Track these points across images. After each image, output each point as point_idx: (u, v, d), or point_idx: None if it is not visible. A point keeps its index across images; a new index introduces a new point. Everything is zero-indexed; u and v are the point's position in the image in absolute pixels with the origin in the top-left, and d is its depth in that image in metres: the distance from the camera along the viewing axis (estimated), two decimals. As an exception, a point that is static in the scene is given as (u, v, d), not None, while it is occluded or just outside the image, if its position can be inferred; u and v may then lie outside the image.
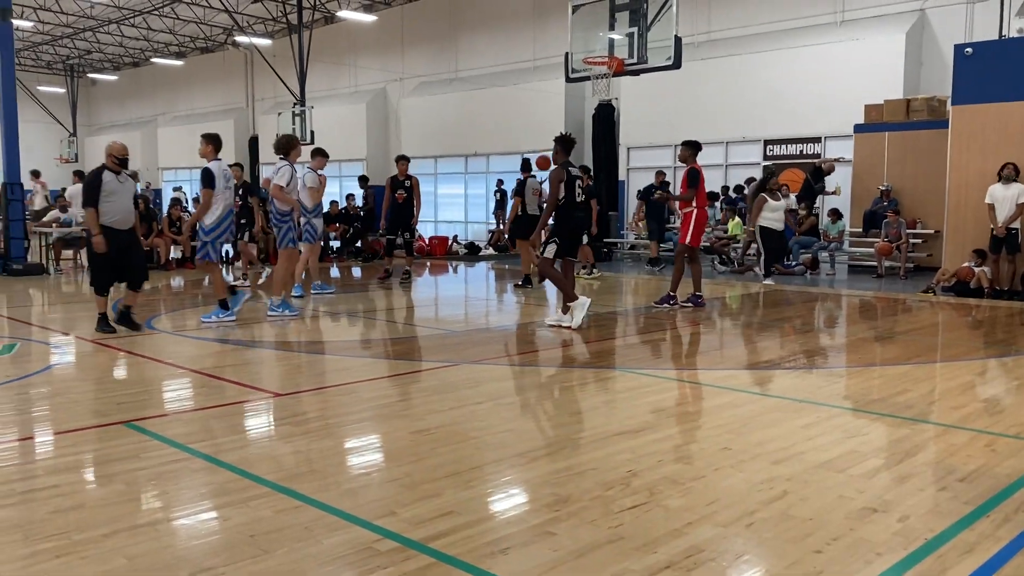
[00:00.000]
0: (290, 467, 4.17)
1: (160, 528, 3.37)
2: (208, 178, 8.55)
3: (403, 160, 12.97)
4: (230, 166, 9.81)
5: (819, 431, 4.78)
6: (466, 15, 25.05)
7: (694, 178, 9.93)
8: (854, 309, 10.87)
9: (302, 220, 10.68)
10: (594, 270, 14.37)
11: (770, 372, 6.70)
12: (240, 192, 12.43)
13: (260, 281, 12.35)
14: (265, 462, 4.24)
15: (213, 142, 8.75)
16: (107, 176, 7.96)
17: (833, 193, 15.59)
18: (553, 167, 8.78)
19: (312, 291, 11.49)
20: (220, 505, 3.62)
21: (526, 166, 12.75)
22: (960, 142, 11.92)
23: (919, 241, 14.41)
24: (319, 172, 11.24)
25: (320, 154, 11.43)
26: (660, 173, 16.62)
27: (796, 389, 6.04)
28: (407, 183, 12.68)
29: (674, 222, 15.60)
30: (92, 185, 7.94)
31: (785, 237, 13.40)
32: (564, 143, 8.76)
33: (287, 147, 9.53)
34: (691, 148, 10.16)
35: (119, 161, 8.06)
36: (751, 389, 5.93)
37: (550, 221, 8.87)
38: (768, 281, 12.94)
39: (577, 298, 8.59)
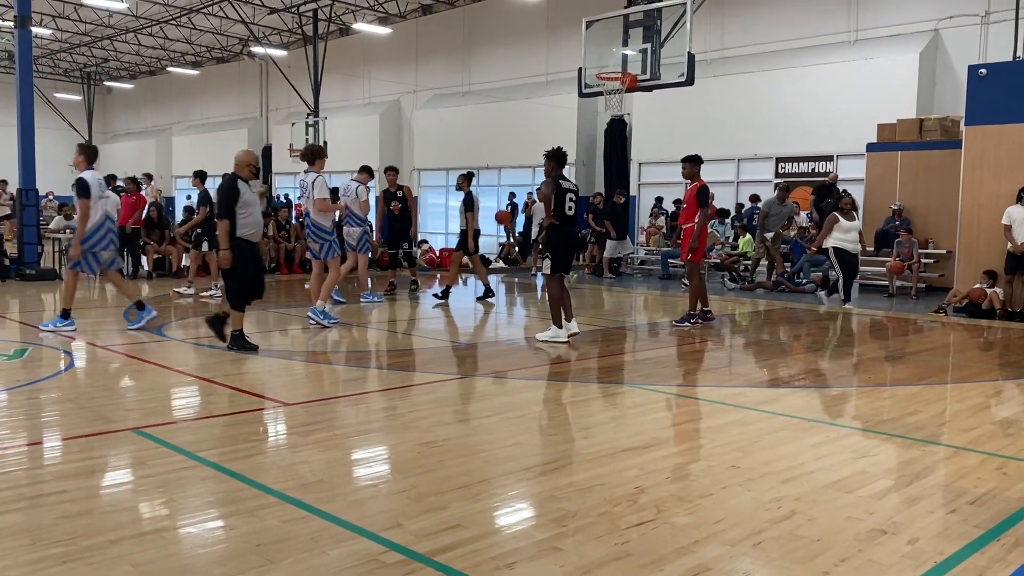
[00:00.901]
0: (297, 477, 4.17)
1: (167, 536, 3.38)
2: (83, 188, 8.41)
3: (392, 171, 12.97)
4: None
5: (828, 451, 4.76)
6: (480, 29, 25.18)
7: (704, 196, 9.86)
8: (865, 328, 10.83)
9: (357, 231, 11.49)
10: (573, 275, 14.50)
11: (779, 390, 6.67)
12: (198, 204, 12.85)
13: (210, 294, 12.37)
14: (272, 471, 4.25)
15: (85, 153, 8.75)
16: (242, 186, 7.64)
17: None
18: (544, 181, 8.77)
19: (362, 299, 11.87)
20: (227, 514, 3.62)
21: (469, 179, 12.59)
22: (973, 163, 11.88)
23: (931, 261, 14.35)
24: (367, 186, 11.78)
25: (366, 171, 11.96)
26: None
27: (805, 408, 6.01)
28: (399, 193, 12.69)
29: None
30: (230, 195, 7.52)
31: (857, 260, 12.46)
32: (557, 157, 8.72)
33: (314, 155, 9.62)
34: (695, 163, 10.06)
35: (255, 171, 7.87)
36: (760, 407, 5.91)
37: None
38: (847, 305, 12.17)
39: (562, 326, 8.57)
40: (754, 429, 5.26)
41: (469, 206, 12.26)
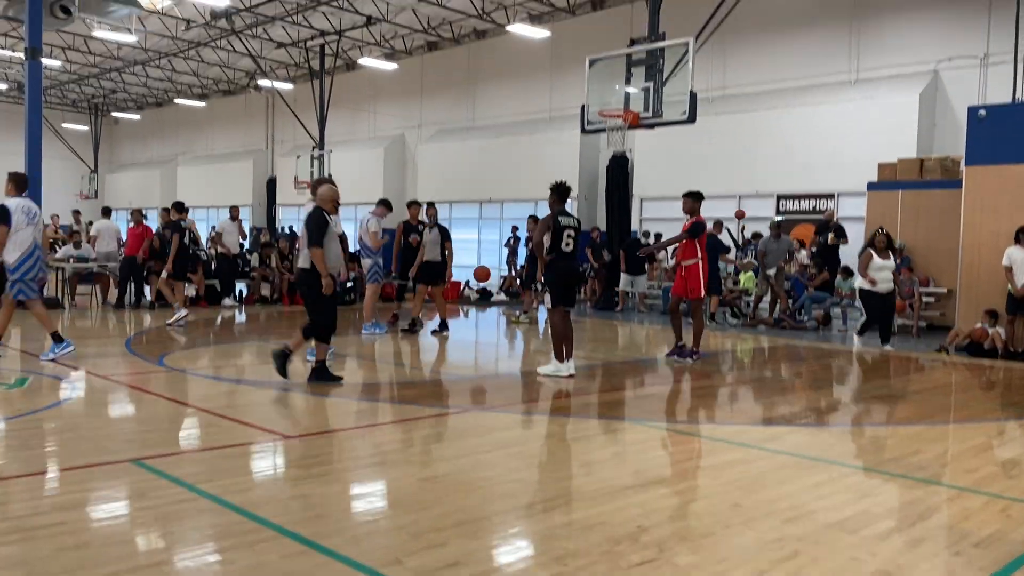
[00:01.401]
0: (297, 511, 4.15)
1: (164, 569, 3.35)
2: (4, 215, 8.50)
3: (415, 205, 13.04)
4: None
5: (831, 490, 4.73)
6: (484, 66, 25.46)
7: (696, 230, 9.88)
8: (866, 366, 10.81)
9: (367, 262, 11.97)
10: (525, 315, 14.68)
11: (781, 428, 6.65)
12: (168, 232, 13.23)
13: (186, 318, 12.43)
14: (272, 505, 4.22)
15: (14, 181, 8.87)
16: (330, 219, 7.69)
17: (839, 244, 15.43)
18: (541, 220, 8.85)
19: (363, 331, 11.94)
20: (225, 548, 3.60)
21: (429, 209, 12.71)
22: (974, 203, 11.94)
23: (931, 300, 14.36)
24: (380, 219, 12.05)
25: (384, 204, 12.28)
26: (718, 224, 16.09)
27: (807, 446, 5.98)
28: (420, 228, 12.75)
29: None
30: (320, 225, 7.56)
31: (890, 300, 11.91)
32: (557, 191, 8.80)
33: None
34: (697, 199, 10.08)
35: (336, 206, 7.92)
36: (762, 445, 5.89)
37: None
38: (857, 343, 11.97)
39: (563, 361, 8.57)
40: (756, 467, 5.24)
41: (447, 236, 12.38)
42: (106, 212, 17.05)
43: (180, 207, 13.64)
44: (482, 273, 20.95)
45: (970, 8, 16.07)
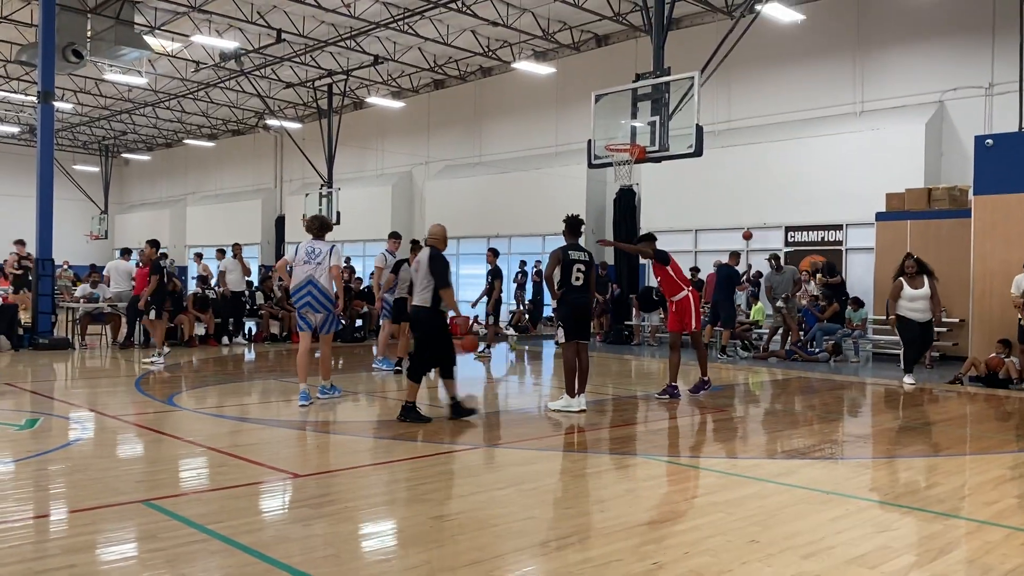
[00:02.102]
0: (309, 551, 4.10)
1: (175, 613, 3.31)
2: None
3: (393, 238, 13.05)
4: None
5: (848, 524, 4.66)
6: (490, 102, 25.69)
7: (663, 256, 9.81)
8: (880, 398, 10.71)
9: (391, 298, 11.88)
10: (488, 349, 14.59)
11: (796, 462, 6.57)
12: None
13: (151, 360, 12.35)
14: (283, 545, 4.18)
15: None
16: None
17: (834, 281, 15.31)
18: (551, 254, 8.87)
19: (374, 365, 12.02)
20: (236, 590, 3.56)
21: (415, 247, 12.39)
22: (983, 232, 11.91)
23: (944, 330, 14.27)
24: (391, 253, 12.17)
25: (395, 236, 12.36)
26: (735, 255, 15.82)
27: (823, 480, 5.90)
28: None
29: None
30: (446, 266, 8.06)
31: (928, 329, 11.41)
32: (570, 225, 8.86)
33: (322, 228, 9.27)
34: (650, 240, 10.18)
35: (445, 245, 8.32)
36: (777, 479, 5.81)
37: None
38: (908, 380, 11.22)
39: (575, 396, 8.53)
40: (772, 502, 5.17)
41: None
42: (125, 253, 17.10)
43: (155, 244, 13.73)
44: (470, 344, 20.42)
45: (974, 38, 16.18)
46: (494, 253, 15.18)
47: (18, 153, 38.80)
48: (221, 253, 17.48)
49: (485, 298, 15.11)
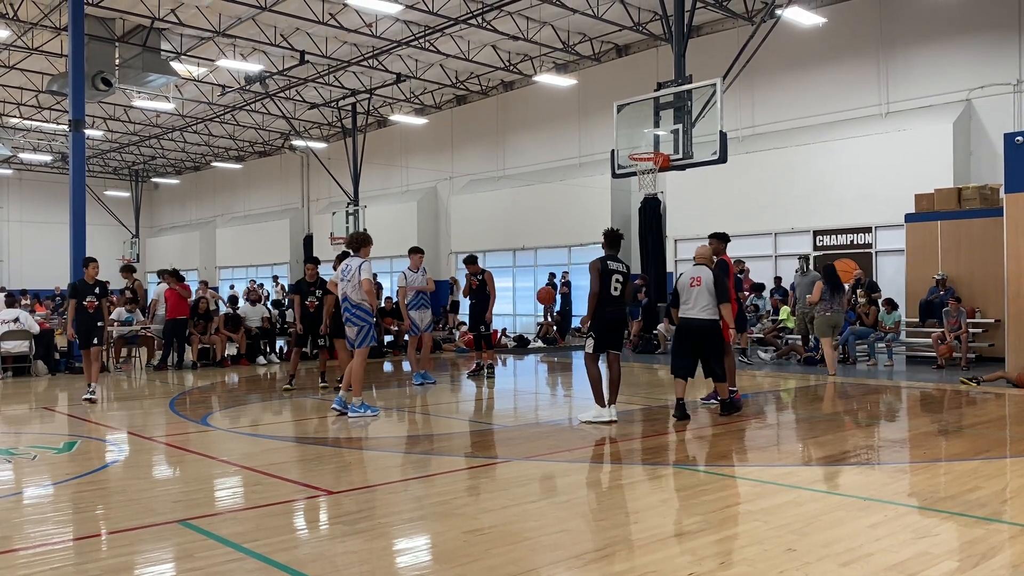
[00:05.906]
0: (343, 567, 4.12)
1: (214, 632, 3.33)
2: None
3: (472, 262, 13.07)
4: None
5: (887, 531, 4.59)
6: (513, 115, 25.80)
7: (725, 269, 9.74)
8: (915, 401, 10.56)
9: (428, 313, 12.22)
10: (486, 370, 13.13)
11: (832, 468, 6.49)
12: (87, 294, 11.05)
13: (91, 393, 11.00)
14: (319, 562, 4.20)
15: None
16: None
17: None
18: (590, 265, 8.88)
19: (414, 381, 12.06)
20: (274, 608, 3.58)
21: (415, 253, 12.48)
22: (1016, 230, 11.73)
23: (979, 331, 14.04)
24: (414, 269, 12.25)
25: (416, 252, 12.37)
26: (740, 262, 15.92)
27: (861, 486, 5.83)
28: (480, 277, 12.84)
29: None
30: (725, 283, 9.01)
31: None
32: (609, 237, 8.91)
33: (359, 243, 9.43)
34: (722, 240, 9.94)
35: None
36: (813, 486, 5.75)
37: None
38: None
39: (604, 406, 8.51)
40: (808, 509, 5.11)
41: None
42: (166, 274, 17.18)
43: (91, 262, 11.29)
44: (546, 295, 19.65)
45: (1000, 34, 15.99)
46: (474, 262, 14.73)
47: (51, 181, 39.59)
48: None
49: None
